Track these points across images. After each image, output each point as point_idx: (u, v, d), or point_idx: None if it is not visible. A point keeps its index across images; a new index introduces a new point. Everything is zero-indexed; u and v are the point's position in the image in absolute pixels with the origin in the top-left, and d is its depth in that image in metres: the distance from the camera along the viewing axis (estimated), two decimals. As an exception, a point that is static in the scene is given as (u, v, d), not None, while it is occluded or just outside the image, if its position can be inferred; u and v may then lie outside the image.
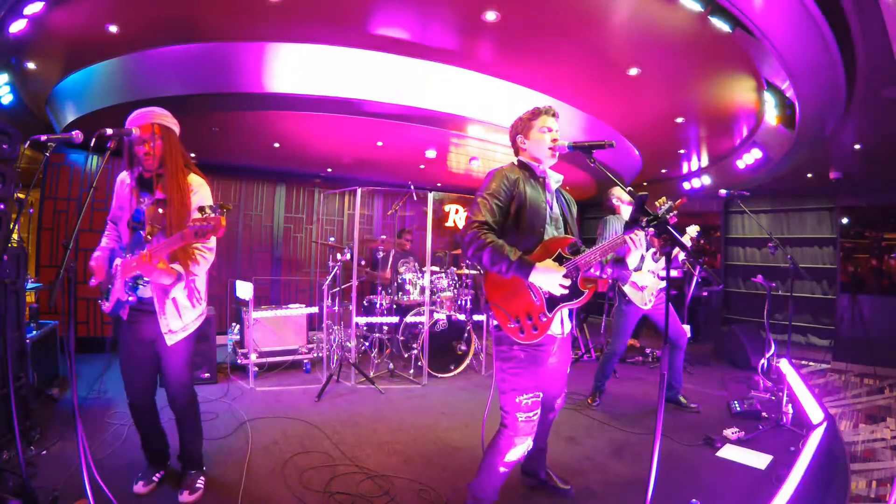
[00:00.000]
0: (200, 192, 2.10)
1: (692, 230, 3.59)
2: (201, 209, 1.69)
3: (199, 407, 2.39)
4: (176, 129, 2.12)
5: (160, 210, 1.99)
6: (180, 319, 2.10)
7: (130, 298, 2.04)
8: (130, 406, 2.25)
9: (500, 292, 1.89)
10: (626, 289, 3.61)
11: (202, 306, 2.22)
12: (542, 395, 1.98)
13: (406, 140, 4.68)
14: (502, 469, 1.98)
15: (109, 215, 2.22)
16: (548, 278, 1.78)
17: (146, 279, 2.02)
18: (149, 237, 1.98)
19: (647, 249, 3.66)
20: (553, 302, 1.88)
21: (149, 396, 2.25)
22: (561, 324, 2.00)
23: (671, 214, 1.77)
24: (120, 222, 2.11)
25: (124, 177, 2.14)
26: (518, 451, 1.95)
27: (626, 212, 3.70)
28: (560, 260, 1.89)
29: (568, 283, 1.82)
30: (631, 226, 1.79)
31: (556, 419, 2.38)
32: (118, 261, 2.05)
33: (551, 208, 2.03)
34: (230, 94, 3.60)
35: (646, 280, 3.61)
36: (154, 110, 2.06)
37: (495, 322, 1.93)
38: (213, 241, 2.06)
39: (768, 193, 6.86)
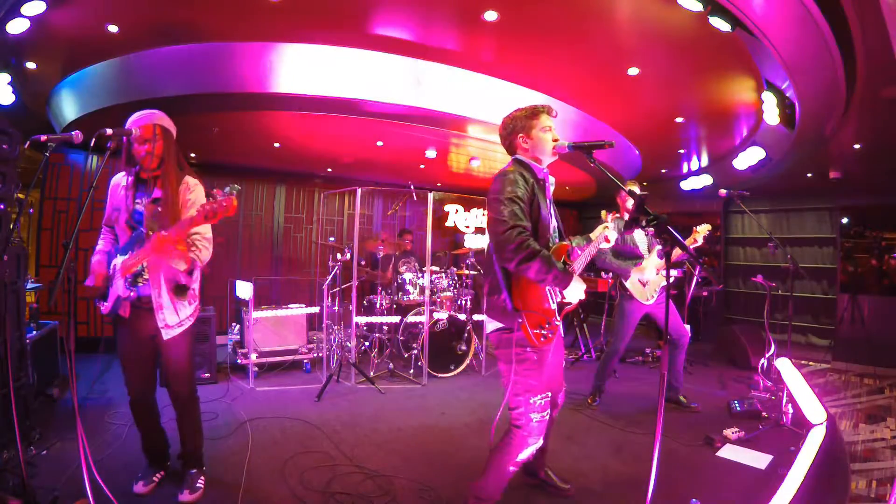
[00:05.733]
0: (196, 191, 2.19)
1: (703, 229, 3.52)
2: (211, 194, 1.78)
3: (200, 406, 2.41)
4: (174, 131, 2.22)
5: (159, 209, 2.06)
6: (176, 315, 2.16)
7: (131, 294, 2.09)
8: (131, 404, 2.29)
9: (530, 300, 1.90)
10: (629, 284, 3.61)
11: (196, 303, 2.29)
12: (550, 394, 2.01)
13: (406, 140, 4.67)
14: (511, 468, 2.01)
15: (104, 219, 2.28)
16: (576, 288, 1.87)
17: (146, 277, 2.09)
18: (150, 234, 2.03)
19: (652, 248, 3.66)
20: (560, 306, 1.94)
21: (149, 393, 2.30)
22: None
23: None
24: (117, 224, 2.17)
25: (119, 179, 2.21)
26: (529, 450, 1.98)
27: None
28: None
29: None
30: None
31: (556, 419, 2.38)
32: (117, 260, 2.11)
33: (552, 216, 2.05)
34: (230, 94, 3.60)
35: (649, 276, 3.61)
36: (155, 112, 2.17)
37: (518, 330, 1.90)
38: (210, 234, 2.15)
39: (768, 193, 6.86)
